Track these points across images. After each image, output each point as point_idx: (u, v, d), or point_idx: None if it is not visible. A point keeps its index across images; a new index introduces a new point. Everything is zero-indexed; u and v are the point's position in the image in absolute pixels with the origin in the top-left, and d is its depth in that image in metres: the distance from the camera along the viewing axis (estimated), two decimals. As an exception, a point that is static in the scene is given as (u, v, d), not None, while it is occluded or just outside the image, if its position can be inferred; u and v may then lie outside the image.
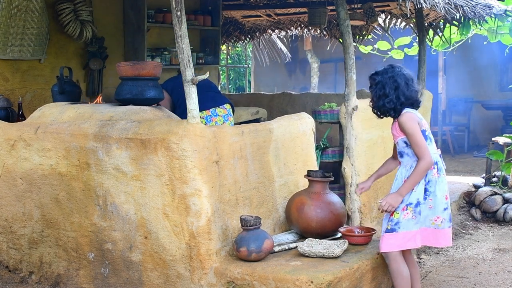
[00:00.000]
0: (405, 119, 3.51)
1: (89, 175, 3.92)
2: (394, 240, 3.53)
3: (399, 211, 3.52)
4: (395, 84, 3.54)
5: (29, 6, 5.85)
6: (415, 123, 3.50)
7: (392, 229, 3.54)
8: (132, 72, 4.29)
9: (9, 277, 4.28)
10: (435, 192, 3.54)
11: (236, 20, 9.14)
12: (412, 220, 3.53)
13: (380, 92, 3.57)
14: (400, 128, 3.55)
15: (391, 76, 3.56)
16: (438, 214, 3.56)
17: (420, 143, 3.47)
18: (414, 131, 3.48)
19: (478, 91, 11.82)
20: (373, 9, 7.02)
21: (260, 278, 3.44)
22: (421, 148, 3.46)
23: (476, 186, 6.87)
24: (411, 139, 3.49)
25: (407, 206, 3.52)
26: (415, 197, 3.52)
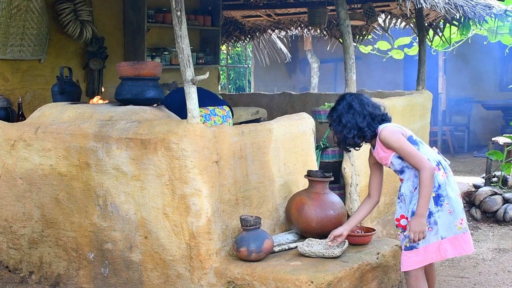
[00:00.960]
0: (386, 134, 3.29)
1: (89, 175, 3.92)
2: (416, 257, 3.32)
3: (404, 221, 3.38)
4: (351, 110, 3.35)
5: (29, 6, 5.85)
6: (398, 134, 3.28)
7: (411, 246, 3.31)
8: (132, 72, 4.30)
9: (9, 277, 4.28)
10: (448, 195, 3.31)
11: (236, 20, 9.15)
12: (429, 232, 3.28)
13: (339, 125, 3.38)
14: (385, 146, 3.32)
15: (344, 105, 3.38)
16: (460, 216, 3.32)
17: (413, 153, 3.24)
18: (400, 142, 3.26)
19: (478, 91, 11.83)
20: (373, 9, 7.03)
21: (260, 278, 3.44)
22: (415, 157, 3.23)
23: (476, 186, 6.88)
24: (401, 152, 3.26)
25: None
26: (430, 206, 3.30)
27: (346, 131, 3.34)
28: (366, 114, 3.33)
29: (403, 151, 3.25)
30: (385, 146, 3.31)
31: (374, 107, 3.38)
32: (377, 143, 3.35)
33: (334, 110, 3.42)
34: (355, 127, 3.33)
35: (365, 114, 3.33)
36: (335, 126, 3.40)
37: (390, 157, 3.33)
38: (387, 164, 3.39)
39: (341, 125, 3.36)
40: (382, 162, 3.43)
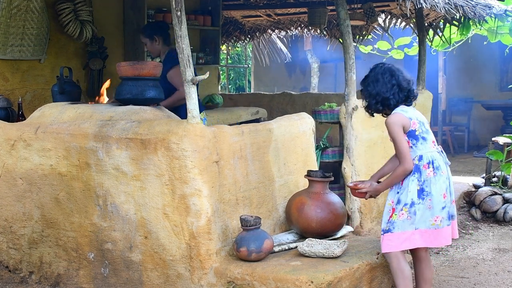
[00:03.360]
0: (389, 122, 3.51)
1: (89, 175, 3.92)
2: (391, 241, 3.52)
3: (398, 212, 3.51)
4: (380, 79, 3.56)
5: (29, 6, 5.85)
6: (398, 128, 3.48)
7: (388, 230, 3.53)
8: (132, 72, 4.29)
9: (9, 277, 4.28)
10: (431, 192, 3.49)
11: (236, 20, 9.14)
12: (407, 220, 3.49)
13: (366, 92, 3.61)
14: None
15: (375, 74, 3.59)
16: (437, 214, 3.50)
17: (401, 149, 3.47)
18: (395, 135, 3.48)
19: (478, 91, 11.82)
20: (373, 9, 7.02)
21: (260, 278, 3.44)
22: (401, 153, 3.48)
23: (476, 186, 6.87)
24: (393, 143, 3.51)
25: (402, 207, 3.50)
26: (409, 197, 3.49)
27: (371, 98, 3.57)
28: (394, 84, 3.53)
29: (395, 144, 3.51)
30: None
31: (404, 79, 3.57)
32: None
33: (365, 78, 3.65)
34: (380, 96, 3.54)
35: (393, 84, 3.53)
36: (363, 92, 3.64)
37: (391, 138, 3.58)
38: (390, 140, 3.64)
39: (368, 92, 3.59)
40: None
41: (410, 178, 3.51)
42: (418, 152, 3.53)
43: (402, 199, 3.51)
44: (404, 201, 3.50)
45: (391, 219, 3.52)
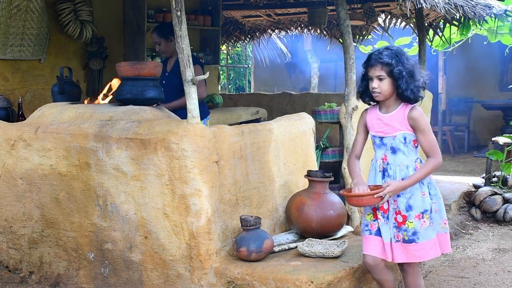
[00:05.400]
0: (421, 113, 3.24)
1: (89, 175, 3.92)
2: (417, 251, 3.26)
3: (412, 219, 3.24)
4: (415, 67, 3.25)
5: (29, 6, 5.86)
6: (428, 120, 3.28)
7: (410, 240, 3.24)
8: (132, 72, 4.29)
9: (9, 277, 4.28)
10: (437, 194, 3.34)
11: (236, 20, 9.15)
12: (430, 227, 3.26)
13: (409, 73, 3.21)
14: (410, 122, 3.23)
15: (409, 59, 3.26)
16: (444, 217, 3.35)
17: (434, 140, 3.24)
18: (429, 127, 3.25)
19: (478, 91, 11.83)
20: (373, 9, 7.03)
21: (260, 278, 3.44)
22: (434, 145, 3.22)
23: (476, 186, 6.88)
24: (425, 136, 3.22)
25: (422, 214, 3.25)
26: (428, 203, 3.27)
27: (412, 79, 3.19)
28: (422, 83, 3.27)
29: (428, 136, 3.21)
30: (409, 122, 3.23)
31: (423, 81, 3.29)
32: (401, 113, 3.24)
33: (398, 51, 3.26)
34: (419, 82, 3.23)
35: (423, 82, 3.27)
36: (406, 69, 3.20)
37: (400, 132, 3.25)
38: (389, 133, 3.28)
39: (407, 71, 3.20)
40: (380, 129, 3.32)
41: (422, 181, 3.27)
42: (418, 155, 3.35)
43: (414, 205, 3.24)
44: (423, 207, 3.24)
45: (407, 228, 3.24)
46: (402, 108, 3.27)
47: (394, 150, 3.29)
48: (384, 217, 3.31)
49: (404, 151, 3.28)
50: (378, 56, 3.23)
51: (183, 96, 4.01)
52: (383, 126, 3.31)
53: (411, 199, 3.25)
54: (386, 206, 3.31)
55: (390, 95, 3.26)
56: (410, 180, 3.21)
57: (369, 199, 3.21)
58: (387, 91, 3.24)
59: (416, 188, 3.24)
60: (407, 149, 3.27)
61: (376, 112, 3.36)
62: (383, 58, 3.21)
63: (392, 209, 3.29)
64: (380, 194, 3.17)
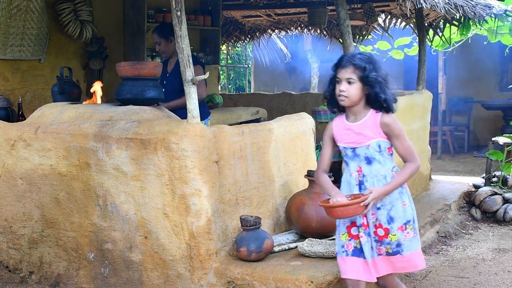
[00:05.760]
0: (394, 118, 3.04)
1: (89, 175, 3.92)
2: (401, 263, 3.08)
3: (395, 231, 3.04)
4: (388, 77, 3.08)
5: (29, 6, 5.86)
6: (400, 125, 3.07)
7: (395, 252, 3.06)
8: (132, 72, 4.30)
9: (9, 277, 4.28)
10: (411, 205, 3.12)
11: (236, 20, 9.15)
12: (415, 238, 3.09)
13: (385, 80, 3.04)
14: (384, 129, 3.03)
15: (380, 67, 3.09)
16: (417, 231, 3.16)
17: (411, 145, 3.05)
18: (403, 131, 3.06)
19: (478, 91, 11.83)
20: (373, 9, 7.03)
21: (260, 278, 3.44)
22: (412, 150, 3.04)
23: (476, 186, 6.87)
24: (401, 141, 3.03)
25: (405, 225, 3.06)
26: (409, 213, 3.08)
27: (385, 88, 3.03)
28: None
29: (403, 141, 3.03)
30: (383, 129, 3.03)
31: None
32: (372, 120, 3.04)
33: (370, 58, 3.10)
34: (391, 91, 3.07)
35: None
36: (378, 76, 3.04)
37: (373, 140, 3.03)
38: (362, 143, 3.05)
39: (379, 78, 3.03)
40: (350, 139, 3.09)
41: (401, 191, 3.09)
42: (394, 163, 3.13)
43: (396, 216, 3.05)
44: (405, 218, 3.06)
45: (390, 240, 3.05)
46: (373, 115, 3.05)
47: (369, 160, 3.06)
48: (365, 234, 3.09)
49: (380, 160, 3.06)
50: (351, 58, 3.03)
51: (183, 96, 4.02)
52: (354, 136, 3.08)
53: (392, 211, 3.05)
54: (365, 221, 3.09)
55: (357, 102, 3.04)
56: (391, 185, 3.01)
57: (356, 209, 2.96)
58: (355, 96, 3.03)
59: (396, 198, 3.05)
60: (383, 157, 3.06)
61: (344, 122, 3.13)
62: (356, 60, 3.02)
63: (372, 223, 3.08)
64: (366, 202, 2.95)
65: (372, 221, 3.07)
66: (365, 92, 3.02)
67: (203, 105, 5.21)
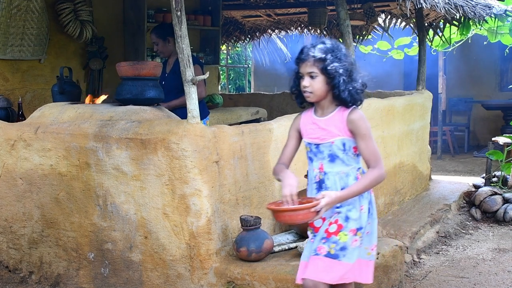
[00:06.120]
0: (361, 116, 2.78)
1: (89, 175, 3.92)
2: (333, 271, 2.75)
3: (347, 232, 2.78)
4: (354, 66, 2.83)
5: (29, 6, 5.86)
6: (369, 125, 2.81)
7: (335, 255, 2.75)
8: (132, 72, 4.29)
9: (9, 277, 4.28)
10: (374, 215, 2.87)
11: (236, 20, 9.15)
12: (358, 248, 2.81)
13: (347, 71, 2.77)
14: (349, 126, 2.77)
15: (348, 56, 2.83)
16: (374, 242, 2.90)
17: (377, 149, 2.79)
18: (370, 132, 2.78)
19: (478, 91, 11.83)
20: (373, 9, 7.03)
21: (260, 278, 3.44)
22: (378, 154, 2.77)
23: (476, 186, 6.87)
24: (366, 142, 2.76)
25: (357, 230, 2.79)
26: (364, 220, 2.81)
27: (350, 79, 2.79)
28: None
29: (369, 143, 2.76)
30: (349, 127, 2.78)
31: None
32: (339, 116, 2.80)
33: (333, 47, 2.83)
34: (358, 82, 2.82)
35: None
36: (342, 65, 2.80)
37: (339, 138, 2.79)
38: (326, 139, 2.82)
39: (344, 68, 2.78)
40: (315, 135, 2.86)
41: (362, 194, 2.82)
42: (360, 164, 2.87)
43: (352, 217, 2.79)
44: (359, 223, 2.80)
45: (338, 240, 2.76)
46: (340, 111, 2.81)
47: (333, 158, 2.83)
48: (314, 236, 2.88)
49: (344, 159, 2.82)
50: (310, 50, 2.77)
51: (182, 96, 4.02)
52: (318, 131, 2.85)
53: (350, 211, 2.81)
54: (318, 223, 2.85)
55: (323, 96, 2.81)
56: (349, 191, 2.74)
57: (305, 214, 2.65)
58: (320, 90, 2.78)
59: (355, 199, 2.79)
60: (347, 157, 2.81)
61: (311, 116, 2.90)
62: (315, 52, 2.75)
63: (327, 222, 2.83)
64: (317, 208, 2.65)
65: (329, 220, 2.82)
66: (331, 86, 2.78)
67: (203, 105, 5.22)
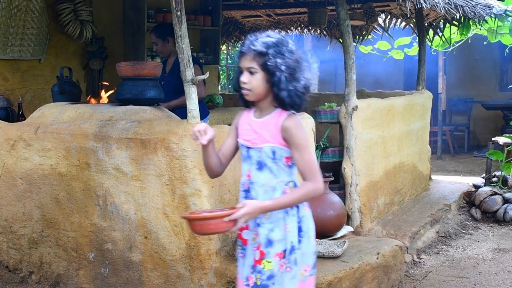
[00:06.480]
0: (297, 124, 2.47)
1: (89, 175, 3.92)
2: None
3: (271, 258, 2.46)
4: (299, 64, 2.54)
5: (29, 6, 5.86)
6: (306, 134, 2.52)
7: (264, 286, 2.46)
8: (132, 72, 4.29)
9: (9, 277, 4.28)
10: (308, 232, 2.53)
11: (236, 20, 9.14)
12: (287, 273, 2.48)
13: (289, 69, 2.48)
14: (283, 134, 2.46)
15: (297, 51, 2.57)
16: (308, 263, 2.53)
17: (315, 162, 2.47)
18: (307, 142, 2.47)
19: (478, 91, 11.84)
20: (373, 9, 7.03)
21: (260, 278, 3.44)
22: (314, 167, 2.45)
23: (476, 186, 6.88)
24: (301, 153, 2.43)
25: (284, 253, 2.48)
26: (289, 239, 2.48)
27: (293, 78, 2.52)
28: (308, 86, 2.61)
29: (305, 154, 2.44)
30: (283, 134, 2.46)
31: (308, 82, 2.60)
32: (274, 121, 2.50)
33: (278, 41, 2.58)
34: (305, 81, 2.58)
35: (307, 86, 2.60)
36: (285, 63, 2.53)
37: (269, 145, 2.48)
38: (256, 144, 2.51)
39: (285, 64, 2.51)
40: (247, 137, 2.57)
41: (288, 211, 2.49)
42: (293, 177, 2.53)
43: (275, 240, 2.47)
44: (284, 245, 2.47)
45: (262, 268, 2.47)
46: (277, 115, 2.49)
47: (261, 166, 2.51)
48: (243, 250, 2.57)
49: (273, 169, 2.49)
50: (251, 43, 2.50)
51: (182, 95, 4.02)
52: (251, 133, 2.54)
53: (272, 232, 2.48)
54: (246, 236, 2.56)
55: (263, 95, 2.50)
56: (276, 202, 2.42)
57: (217, 224, 2.35)
58: (259, 88, 2.47)
59: (279, 218, 2.48)
60: (277, 167, 2.49)
61: (249, 116, 2.61)
62: (256, 45, 2.47)
63: (254, 242, 2.52)
64: (233, 217, 2.34)
65: (255, 239, 2.52)
66: (271, 83, 2.48)
67: (203, 105, 5.22)
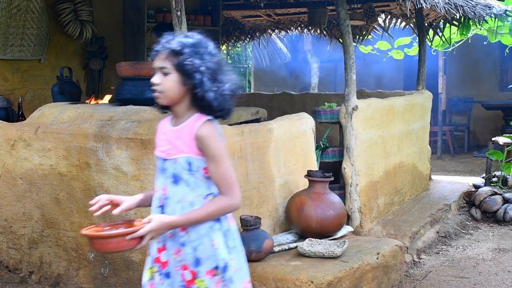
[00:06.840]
0: (212, 132, 2.25)
1: (89, 175, 3.92)
2: None
3: (203, 277, 2.27)
4: (220, 67, 2.37)
5: (29, 6, 5.86)
6: (223, 143, 2.29)
7: None
8: (132, 72, 4.30)
9: (9, 277, 4.28)
10: (237, 247, 2.34)
11: (236, 20, 9.14)
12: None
13: (210, 70, 2.31)
14: (197, 143, 2.25)
15: (217, 53, 2.43)
16: (245, 279, 2.35)
17: (232, 174, 2.26)
18: (223, 153, 2.26)
19: (478, 91, 11.83)
20: (373, 9, 7.03)
21: (260, 278, 3.44)
22: (231, 180, 2.25)
23: (476, 186, 6.88)
24: (217, 165, 2.24)
25: (215, 270, 2.28)
26: (221, 256, 2.28)
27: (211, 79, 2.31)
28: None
29: (220, 166, 2.24)
30: (197, 144, 2.26)
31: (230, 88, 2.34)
32: (189, 128, 2.28)
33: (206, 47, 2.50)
34: (224, 85, 2.34)
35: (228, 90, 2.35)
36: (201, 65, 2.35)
37: (184, 156, 2.27)
38: (171, 155, 2.30)
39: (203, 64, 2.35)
40: (162, 147, 2.36)
41: (212, 226, 2.28)
42: (213, 189, 2.30)
43: (203, 257, 2.27)
44: (214, 262, 2.27)
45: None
46: (193, 121, 2.27)
47: (176, 180, 2.30)
48: (161, 275, 2.35)
49: (189, 182, 2.28)
50: (167, 42, 2.31)
51: None
52: (166, 144, 2.34)
53: (198, 250, 2.27)
54: (164, 257, 2.34)
55: (177, 100, 2.30)
56: (187, 217, 2.23)
57: (119, 242, 2.14)
58: (172, 91, 2.28)
59: (203, 234, 2.27)
60: (194, 179, 2.28)
61: (166, 124, 2.42)
62: (171, 44, 2.29)
63: (177, 262, 2.31)
64: (137, 235, 2.15)
65: (177, 259, 2.30)
66: (189, 87, 2.27)
67: None
